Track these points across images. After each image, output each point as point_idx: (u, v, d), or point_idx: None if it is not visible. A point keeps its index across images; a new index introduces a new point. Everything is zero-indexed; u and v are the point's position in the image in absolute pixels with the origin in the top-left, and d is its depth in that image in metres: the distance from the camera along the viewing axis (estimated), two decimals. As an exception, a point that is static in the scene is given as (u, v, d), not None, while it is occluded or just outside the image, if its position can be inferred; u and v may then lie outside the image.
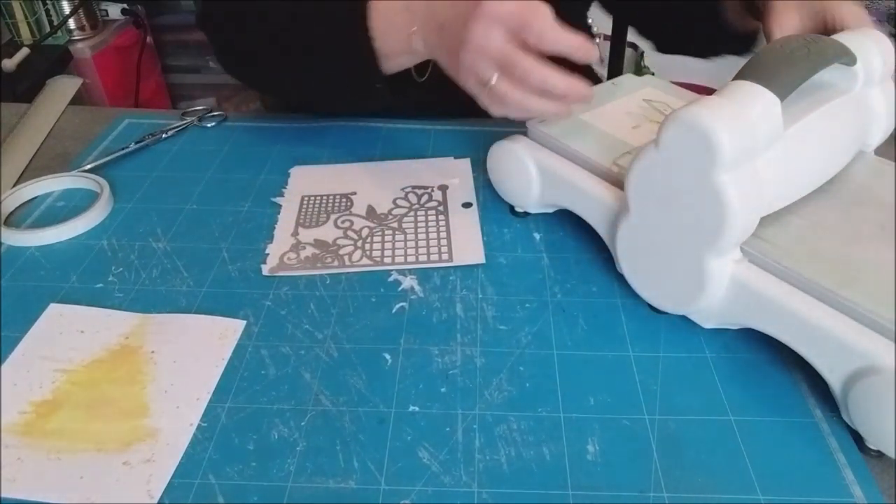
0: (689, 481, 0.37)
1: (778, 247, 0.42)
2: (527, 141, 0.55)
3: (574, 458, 0.39)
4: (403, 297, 0.50)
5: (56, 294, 0.50)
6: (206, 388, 0.43)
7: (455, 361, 0.45)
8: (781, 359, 0.44)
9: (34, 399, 0.42)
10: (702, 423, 0.41)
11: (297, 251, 0.54)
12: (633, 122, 0.56)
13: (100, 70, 1.54)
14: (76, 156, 0.67)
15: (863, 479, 0.37)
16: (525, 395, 0.42)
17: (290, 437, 0.40)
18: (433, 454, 0.39)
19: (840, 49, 0.45)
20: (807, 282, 0.40)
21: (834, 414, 0.41)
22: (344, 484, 0.37)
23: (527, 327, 0.47)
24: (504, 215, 0.58)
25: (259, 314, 0.48)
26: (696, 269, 0.43)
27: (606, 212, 0.49)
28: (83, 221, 0.57)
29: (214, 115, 0.74)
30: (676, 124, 0.40)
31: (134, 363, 0.44)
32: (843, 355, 0.38)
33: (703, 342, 0.46)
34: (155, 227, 0.57)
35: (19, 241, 0.55)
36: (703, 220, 0.41)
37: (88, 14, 1.54)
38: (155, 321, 0.47)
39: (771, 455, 0.39)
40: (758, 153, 0.40)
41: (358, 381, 0.43)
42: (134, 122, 0.73)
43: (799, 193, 0.46)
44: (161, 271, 0.52)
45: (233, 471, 0.38)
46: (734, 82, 0.41)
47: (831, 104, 0.45)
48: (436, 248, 0.54)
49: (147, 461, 0.38)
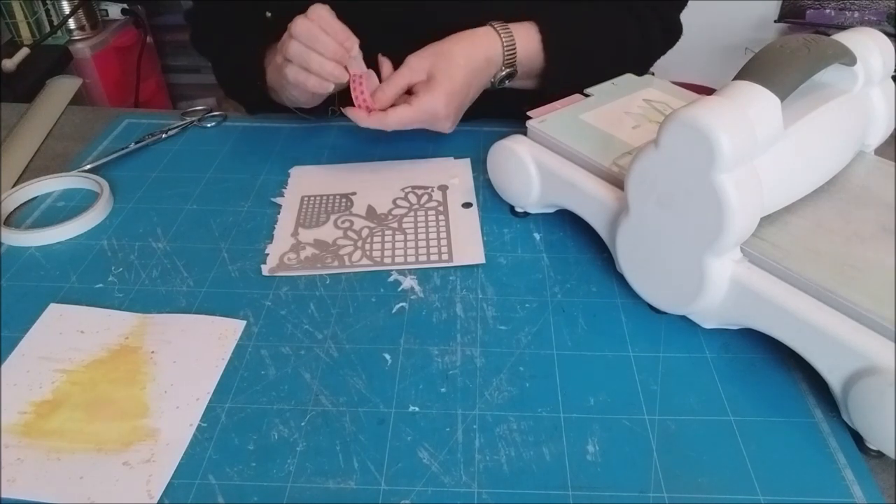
0: (689, 481, 0.37)
1: (778, 247, 0.42)
2: (527, 141, 0.55)
3: (574, 458, 0.39)
4: (403, 298, 0.50)
5: (56, 294, 0.50)
6: (205, 389, 0.43)
7: (455, 361, 0.45)
8: (781, 359, 0.44)
9: (34, 399, 0.42)
10: (702, 423, 0.41)
11: (297, 251, 0.54)
12: (633, 122, 0.56)
13: (100, 70, 1.54)
14: (76, 156, 0.67)
15: (863, 479, 0.37)
16: (525, 395, 0.42)
17: (290, 438, 0.40)
18: (433, 454, 0.39)
19: (840, 49, 0.45)
20: (807, 282, 0.40)
21: (834, 414, 0.41)
22: (344, 484, 0.37)
23: (527, 327, 0.47)
24: (504, 215, 0.58)
25: (259, 314, 0.48)
26: (696, 270, 0.43)
27: (606, 212, 0.49)
28: (83, 221, 0.57)
29: (214, 115, 0.74)
30: (676, 124, 0.40)
31: (134, 363, 0.44)
32: (843, 355, 0.38)
33: (703, 342, 0.46)
34: (155, 227, 0.57)
35: (19, 241, 0.55)
36: (702, 221, 0.41)
37: (88, 14, 1.54)
38: (155, 321, 0.47)
39: (771, 455, 0.39)
40: (758, 153, 0.40)
41: (358, 381, 0.43)
42: (134, 122, 0.73)
43: (799, 193, 0.46)
44: (161, 271, 0.52)
45: (233, 471, 0.38)
46: (734, 82, 0.41)
47: (831, 104, 0.45)
48: (436, 248, 0.54)
49: (147, 461, 0.38)
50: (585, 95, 0.60)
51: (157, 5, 1.74)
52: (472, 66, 0.62)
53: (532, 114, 0.57)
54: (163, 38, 1.82)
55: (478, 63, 0.63)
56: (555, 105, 0.59)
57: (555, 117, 0.56)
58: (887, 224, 0.44)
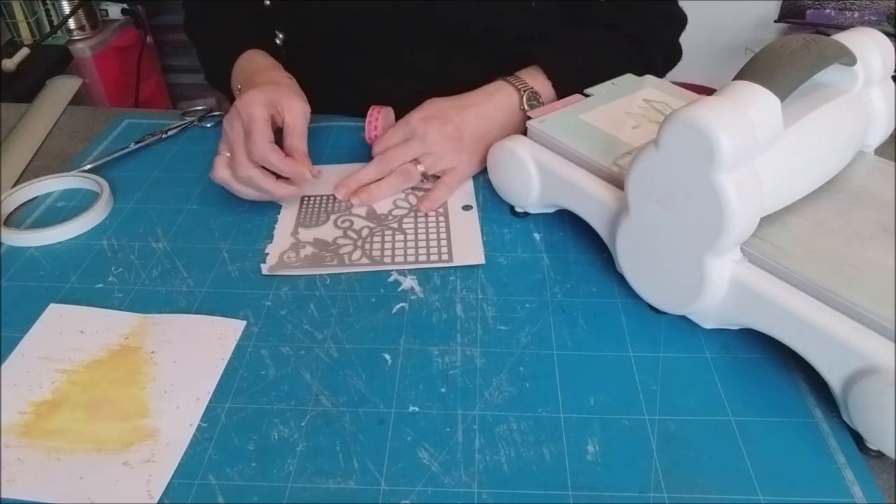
0: (689, 481, 0.37)
1: (778, 247, 0.42)
2: (527, 141, 0.55)
3: (574, 458, 0.39)
4: (403, 298, 0.50)
5: (56, 294, 0.50)
6: (205, 389, 0.43)
7: (455, 362, 0.45)
8: (781, 359, 0.44)
9: (34, 399, 0.42)
10: (702, 423, 0.41)
11: (297, 250, 0.54)
12: (633, 122, 0.56)
13: (100, 70, 1.54)
14: (76, 156, 0.67)
15: (863, 479, 0.37)
16: (525, 395, 0.42)
17: (290, 438, 0.40)
18: (433, 454, 0.39)
19: (840, 49, 0.45)
20: (807, 282, 0.40)
21: (834, 414, 0.41)
22: (344, 484, 0.37)
23: (527, 327, 0.47)
24: (504, 216, 0.58)
25: (259, 314, 0.48)
26: (696, 270, 0.43)
27: (606, 212, 0.49)
28: (83, 221, 0.57)
29: (214, 115, 0.74)
30: (676, 124, 0.40)
31: (134, 363, 0.44)
32: (843, 355, 0.38)
33: (703, 342, 0.46)
34: (155, 227, 0.57)
35: (19, 241, 0.55)
36: (702, 221, 0.41)
37: (88, 14, 1.53)
38: (155, 321, 0.47)
39: (771, 455, 0.39)
40: (757, 153, 0.40)
41: (358, 381, 0.43)
42: (134, 122, 0.73)
43: (799, 193, 0.46)
44: (161, 271, 0.52)
45: (233, 471, 0.38)
46: (734, 82, 0.41)
47: (831, 104, 0.45)
48: (435, 248, 0.54)
49: (147, 461, 0.38)
50: (585, 95, 0.60)
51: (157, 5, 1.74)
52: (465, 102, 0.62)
53: (532, 114, 0.57)
54: (163, 38, 1.81)
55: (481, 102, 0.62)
56: (555, 105, 0.59)
57: (555, 117, 0.56)
58: (887, 224, 0.44)
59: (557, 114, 0.56)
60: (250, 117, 0.55)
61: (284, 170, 0.56)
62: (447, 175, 0.60)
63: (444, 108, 0.61)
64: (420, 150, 0.60)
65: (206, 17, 0.77)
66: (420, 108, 0.62)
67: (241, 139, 0.56)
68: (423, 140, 0.60)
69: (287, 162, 0.56)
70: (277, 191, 0.56)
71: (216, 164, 0.57)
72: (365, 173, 0.60)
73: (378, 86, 0.73)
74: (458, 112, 0.61)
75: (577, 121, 0.55)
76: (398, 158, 0.60)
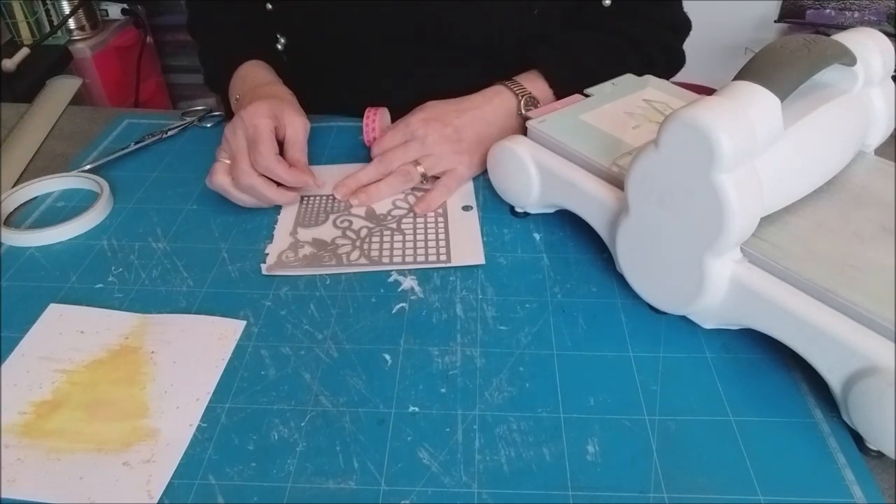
0: (689, 481, 0.37)
1: (778, 247, 0.42)
2: (527, 141, 0.55)
3: (574, 458, 0.39)
4: (403, 298, 0.50)
5: (56, 294, 0.50)
6: (205, 389, 0.43)
7: (455, 362, 0.45)
8: (781, 359, 0.44)
9: (34, 399, 0.42)
10: (702, 423, 0.41)
11: (296, 250, 0.54)
12: (633, 122, 0.56)
13: (100, 70, 1.54)
14: (76, 156, 0.67)
15: (863, 479, 0.37)
16: (525, 395, 0.42)
17: (290, 438, 0.40)
18: (433, 455, 0.39)
19: (840, 49, 0.45)
20: (807, 282, 0.40)
21: (834, 414, 0.41)
22: (344, 484, 0.37)
23: (527, 327, 0.47)
24: (504, 216, 0.58)
25: (259, 314, 0.48)
26: (696, 270, 0.43)
27: (606, 212, 0.49)
28: (83, 221, 0.57)
29: (214, 115, 0.74)
30: (676, 124, 0.40)
31: (134, 363, 0.44)
32: (843, 355, 0.38)
33: (703, 342, 0.46)
34: (155, 227, 0.57)
35: (19, 241, 0.55)
36: (702, 221, 0.41)
37: (88, 14, 1.54)
38: (155, 321, 0.47)
39: (771, 455, 0.39)
40: (757, 153, 0.40)
41: (358, 381, 0.43)
42: (134, 122, 0.73)
43: (799, 193, 0.46)
44: (161, 271, 0.52)
45: (233, 471, 0.38)
46: (734, 82, 0.41)
47: (831, 104, 0.45)
48: (434, 248, 0.54)
49: (147, 461, 0.38)
50: (585, 95, 0.60)
51: (157, 5, 1.74)
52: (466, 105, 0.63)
53: (532, 114, 0.57)
54: (163, 38, 1.82)
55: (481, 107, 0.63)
56: (555, 105, 0.59)
57: (555, 117, 0.56)
58: (887, 224, 0.44)
59: (557, 114, 0.56)
60: (256, 128, 0.56)
61: (289, 180, 0.57)
62: (446, 176, 0.60)
63: (443, 110, 0.61)
64: (420, 151, 0.60)
65: (209, 18, 0.77)
66: (419, 111, 0.62)
67: (244, 148, 0.57)
68: (424, 142, 0.60)
69: (292, 172, 0.57)
70: (279, 198, 0.57)
71: (215, 170, 0.57)
72: (364, 174, 0.61)
73: (378, 87, 0.73)
74: (458, 115, 0.61)
75: (577, 121, 0.55)
76: (398, 159, 0.60)
